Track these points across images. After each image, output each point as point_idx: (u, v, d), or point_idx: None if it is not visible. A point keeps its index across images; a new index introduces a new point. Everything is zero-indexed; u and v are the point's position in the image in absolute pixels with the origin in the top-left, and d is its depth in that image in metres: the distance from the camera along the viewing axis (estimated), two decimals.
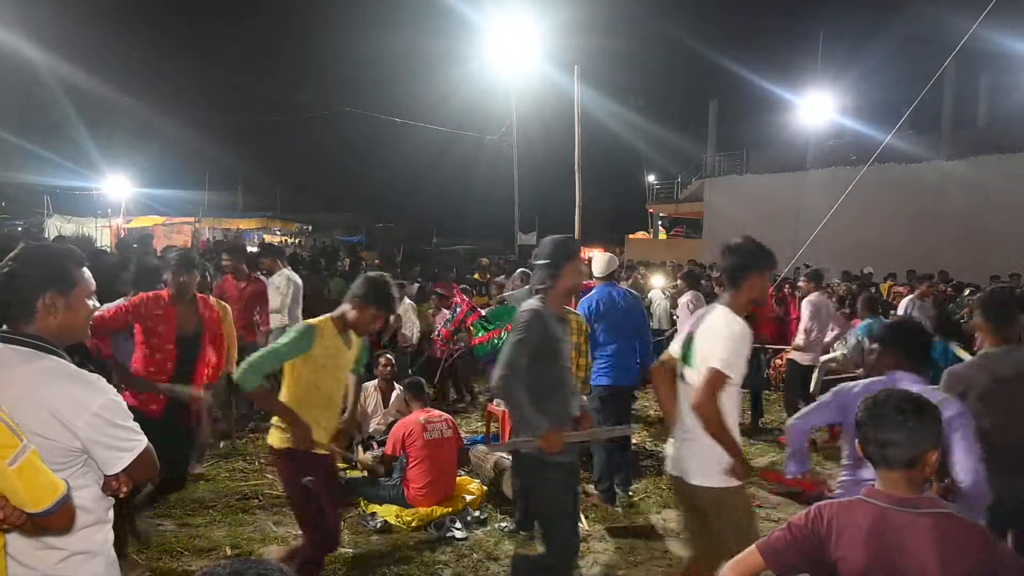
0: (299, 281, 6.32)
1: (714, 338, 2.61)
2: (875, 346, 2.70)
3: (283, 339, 3.00)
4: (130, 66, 26.72)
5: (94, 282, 1.73)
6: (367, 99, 36.96)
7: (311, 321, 3.06)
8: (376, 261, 11.99)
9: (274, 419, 3.06)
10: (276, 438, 3.03)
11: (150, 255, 9.32)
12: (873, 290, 11.08)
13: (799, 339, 6.21)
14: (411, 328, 7.40)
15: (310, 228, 24.99)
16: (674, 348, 2.88)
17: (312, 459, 3.02)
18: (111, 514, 1.75)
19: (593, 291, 4.90)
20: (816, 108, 22.12)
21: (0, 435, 1.37)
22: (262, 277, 6.20)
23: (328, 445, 3.10)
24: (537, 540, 3.05)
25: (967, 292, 9.96)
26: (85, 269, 1.70)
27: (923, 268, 13.91)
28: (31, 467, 1.39)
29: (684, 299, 6.79)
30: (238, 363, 3.54)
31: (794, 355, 6.31)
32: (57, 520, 1.44)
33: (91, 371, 1.69)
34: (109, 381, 1.69)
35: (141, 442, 1.66)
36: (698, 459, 2.65)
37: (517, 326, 2.90)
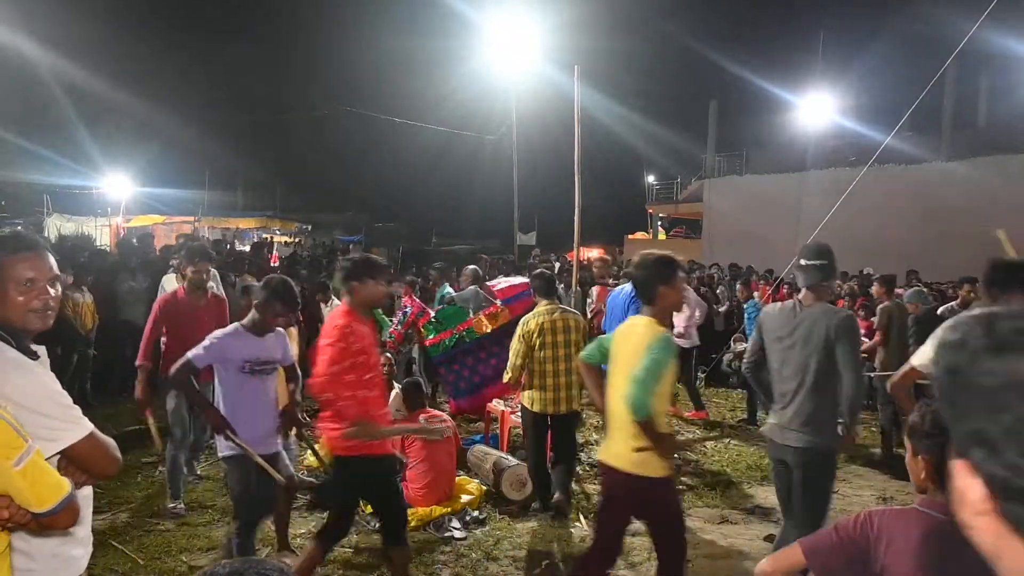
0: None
1: None
2: None
3: (656, 354, 2.64)
4: (130, 65, 26.66)
5: (47, 268, 1.65)
6: (367, 99, 36.97)
7: (662, 329, 2.77)
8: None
9: (640, 445, 2.67)
10: (657, 467, 2.69)
11: (151, 254, 9.33)
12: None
13: (679, 327, 6.80)
14: None
15: (309, 228, 24.96)
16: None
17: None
18: (80, 527, 1.64)
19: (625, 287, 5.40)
20: (816, 109, 22.05)
21: (5, 436, 1.37)
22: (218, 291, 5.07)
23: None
24: (799, 528, 3.04)
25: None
26: (24, 255, 1.61)
27: (922, 269, 13.92)
28: (35, 467, 1.40)
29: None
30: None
31: (678, 341, 6.52)
32: (61, 519, 1.44)
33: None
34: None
35: (71, 432, 1.55)
36: None
37: (849, 331, 3.02)
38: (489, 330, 6.05)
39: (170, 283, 5.48)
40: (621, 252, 23.95)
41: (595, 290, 7.74)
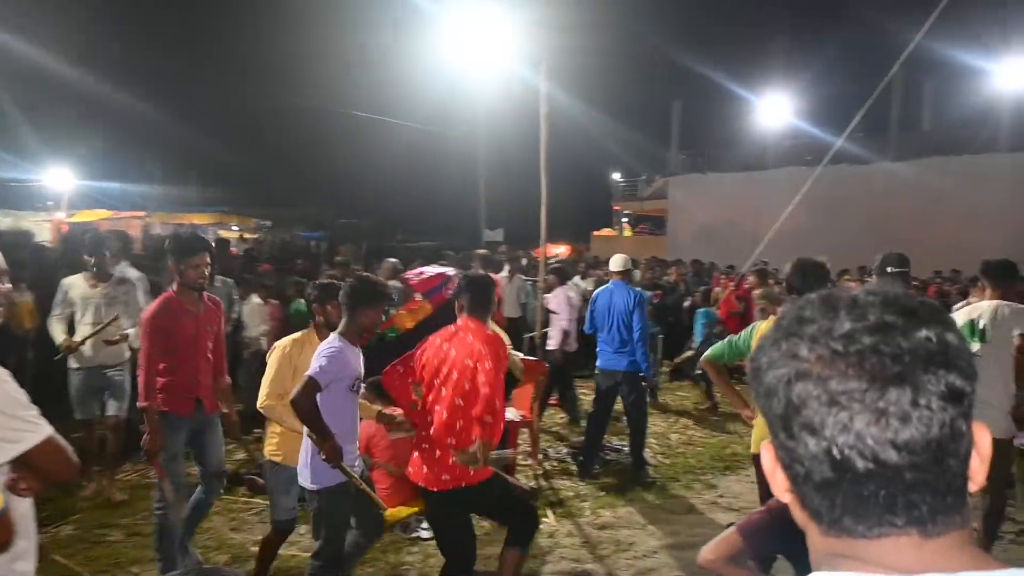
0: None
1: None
2: None
3: None
4: (74, 51, 25.42)
5: None
6: (331, 93, 36.16)
7: None
8: (339, 257, 11.70)
9: None
10: None
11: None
12: (828, 285, 11.41)
13: (559, 329, 6.56)
14: (255, 330, 6.51)
15: (269, 224, 24.32)
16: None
17: None
18: (22, 540, 1.50)
19: (611, 283, 5.54)
20: (774, 110, 22.67)
21: None
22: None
23: None
24: None
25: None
26: None
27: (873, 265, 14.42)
28: None
29: (558, 292, 6.75)
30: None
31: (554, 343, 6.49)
32: None
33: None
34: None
35: (34, 433, 1.47)
36: (992, 418, 3.23)
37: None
38: (412, 326, 5.90)
39: (76, 288, 4.36)
40: (588, 248, 24.11)
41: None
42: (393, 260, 6.99)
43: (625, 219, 31.38)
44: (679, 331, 8.88)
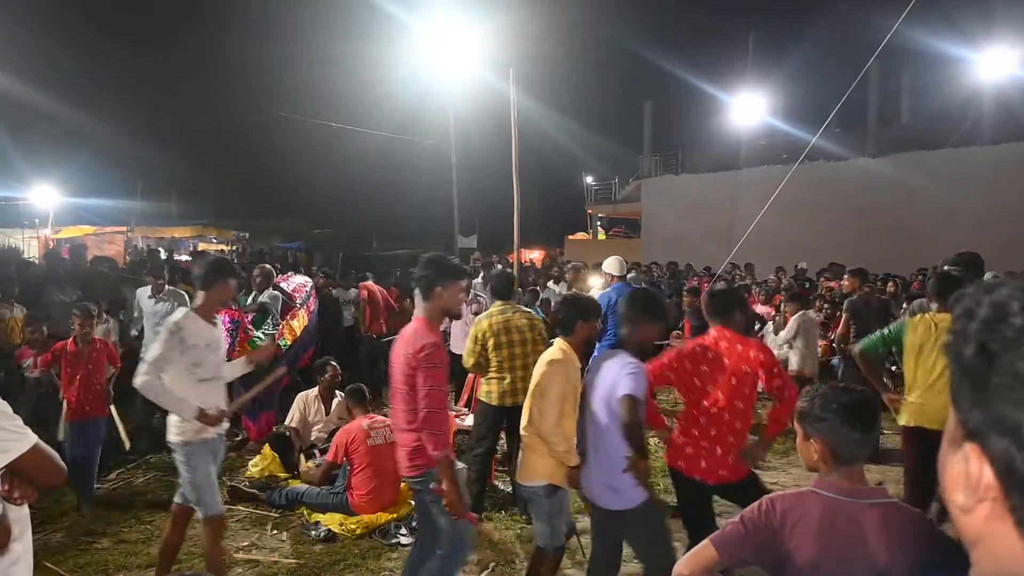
0: None
1: None
2: None
3: None
4: (56, 71, 25.25)
5: None
6: (303, 104, 35.95)
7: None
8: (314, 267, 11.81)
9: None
10: None
11: (83, 266, 8.92)
12: (808, 284, 11.52)
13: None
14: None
15: (247, 235, 24.26)
16: None
17: None
18: (18, 544, 1.59)
19: (611, 288, 5.48)
20: (747, 109, 22.21)
21: None
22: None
23: None
24: None
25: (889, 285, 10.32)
26: None
27: (851, 263, 14.53)
28: None
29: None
30: None
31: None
32: None
33: None
34: None
35: (19, 443, 1.54)
36: None
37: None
38: (294, 337, 5.80)
39: (197, 330, 3.19)
40: (561, 253, 24.11)
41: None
42: (269, 267, 6.39)
43: (599, 222, 31.16)
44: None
